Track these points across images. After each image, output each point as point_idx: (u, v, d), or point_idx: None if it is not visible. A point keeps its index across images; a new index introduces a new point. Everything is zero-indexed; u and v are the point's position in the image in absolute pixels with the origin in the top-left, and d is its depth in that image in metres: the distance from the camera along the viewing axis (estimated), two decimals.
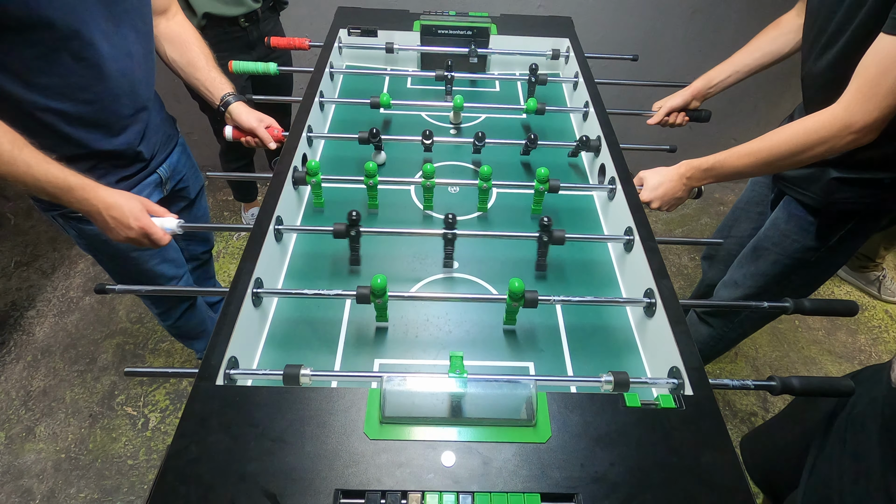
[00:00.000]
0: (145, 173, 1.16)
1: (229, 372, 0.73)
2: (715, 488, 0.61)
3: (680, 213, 2.62)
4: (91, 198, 0.93)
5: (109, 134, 1.04)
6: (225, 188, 2.58)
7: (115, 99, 1.01)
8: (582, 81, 1.36)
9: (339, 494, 0.59)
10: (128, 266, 1.23)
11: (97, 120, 1.01)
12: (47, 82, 0.91)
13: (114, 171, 1.10)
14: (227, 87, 1.21)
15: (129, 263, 1.22)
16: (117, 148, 1.07)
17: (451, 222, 0.93)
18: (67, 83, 0.94)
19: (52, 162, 0.88)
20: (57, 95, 0.93)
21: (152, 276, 1.27)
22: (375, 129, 1.13)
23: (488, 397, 0.69)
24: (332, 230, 0.93)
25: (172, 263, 1.32)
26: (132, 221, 0.93)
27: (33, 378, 1.83)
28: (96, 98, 0.98)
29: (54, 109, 0.95)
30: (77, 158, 1.02)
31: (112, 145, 1.05)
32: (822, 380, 0.77)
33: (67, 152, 1.00)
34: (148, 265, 1.25)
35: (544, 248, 0.96)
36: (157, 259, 1.26)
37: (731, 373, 1.97)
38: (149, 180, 1.18)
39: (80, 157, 1.03)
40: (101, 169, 1.07)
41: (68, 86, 0.94)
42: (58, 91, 0.93)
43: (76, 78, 0.94)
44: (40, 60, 0.89)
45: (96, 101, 0.99)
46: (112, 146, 1.06)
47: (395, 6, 1.64)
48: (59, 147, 0.99)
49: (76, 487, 1.57)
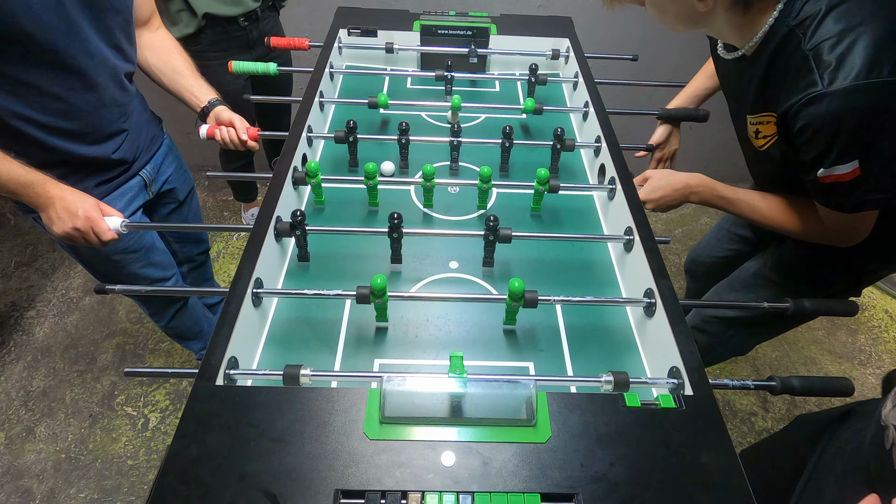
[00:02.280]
0: (127, 176, 1.16)
1: (229, 372, 0.73)
2: (715, 488, 0.61)
3: (680, 213, 2.63)
4: (46, 192, 0.94)
5: (88, 142, 1.05)
6: (225, 188, 2.58)
7: (93, 110, 1.02)
8: (582, 81, 1.36)
9: (339, 494, 0.59)
10: (110, 268, 1.23)
11: (76, 129, 1.02)
12: (24, 91, 0.92)
13: (92, 176, 1.10)
14: (212, 93, 1.22)
15: (111, 266, 1.22)
16: (96, 155, 1.07)
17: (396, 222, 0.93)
18: (46, 93, 0.94)
19: (12, 160, 0.90)
20: (34, 104, 0.94)
21: (134, 280, 1.27)
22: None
23: (488, 397, 0.69)
24: (276, 229, 0.94)
25: (158, 266, 1.31)
26: (80, 212, 0.95)
27: (33, 378, 1.83)
28: (74, 109, 0.99)
29: (30, 118, 0.95)
30: (52, 165, 1.02)
31: (90, 152, 1.06)
32: (822, 380, 0.78)
33: (43, 158, 1.00)
34: (131, 268, 1.24)
35: (491, 247, 0.96)
36: (142, 262, 1.26)
37: (731, 373, 1.97)
38: (131, 183, 1.17)
39: (55, 164, 1.03)
40: (78, 174, 1.07)
41: (46, 95, 0.95)
42: (34, 100, 0.94)
43: (56, 88, 0.95)
44: (18, 69, 0.90)
45: (73, 111, 0.99)
46: (91, 153, 1.06)
47: (395, 6, 1.65)
48: (35, 154, 0.99)
49: (76, 487, 1.57)
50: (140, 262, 1.25)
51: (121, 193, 1.16)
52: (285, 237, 0.96)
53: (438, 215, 1.11)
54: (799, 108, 0.78)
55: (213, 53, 1.63)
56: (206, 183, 2.62)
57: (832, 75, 0.74)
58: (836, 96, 0.74)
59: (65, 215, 0.96)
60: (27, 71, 0.91)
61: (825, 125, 0.76)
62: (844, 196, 0.83)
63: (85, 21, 0.93)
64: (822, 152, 0.79)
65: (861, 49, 0.73)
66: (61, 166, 1.04)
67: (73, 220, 0.96)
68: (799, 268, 1.15)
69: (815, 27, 0.77)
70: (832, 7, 0.77)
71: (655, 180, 1.09)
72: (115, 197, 1.15)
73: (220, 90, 1.25)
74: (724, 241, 1.46)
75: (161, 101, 1.24)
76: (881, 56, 0.72)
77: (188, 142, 2.48)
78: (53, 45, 0.90)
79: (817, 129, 0.77)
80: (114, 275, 1.24)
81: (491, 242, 0.95)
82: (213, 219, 2.47)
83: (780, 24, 0.82)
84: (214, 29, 1.60)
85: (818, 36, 0.77)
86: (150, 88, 1.23)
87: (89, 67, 0.97)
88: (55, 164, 1.03)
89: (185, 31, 1.55)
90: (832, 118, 0.75)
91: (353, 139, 1.16)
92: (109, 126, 1.07)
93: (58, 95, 0.96)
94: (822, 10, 0.77)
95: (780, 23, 0.82)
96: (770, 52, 0.84)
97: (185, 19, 1.55)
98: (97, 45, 0.97)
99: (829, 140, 0.77)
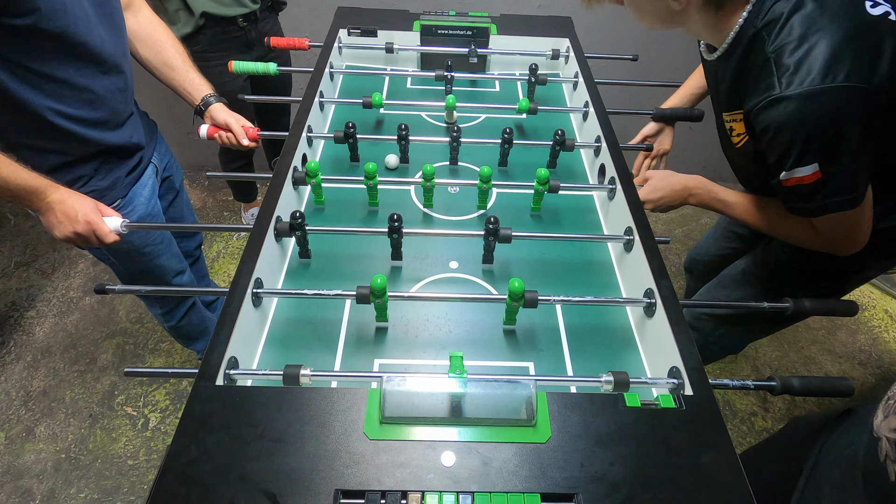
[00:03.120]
0: (144, 164, 1.18)
1: (229, 372, 0.73)
2: (715, 488, 0.61)
3: (680, 213, 2.63)
4: (46, 196, 0.95)
5: (111, 128, 1.06)
6: (225, 188, 2.58)
7: (112, 95, 1.03)
8: (582, 81, 1.36)
9: (339, 494, 0.59)
10: (137, 263, 1.24)
11: (102, 118, 1.03)
12: (54, 87, 0.93)
13: (121, 165, 1.11)
14: (206, 88, 1.21)
15: (141, 258, 1.23)
16: (120, 141, 1.08)
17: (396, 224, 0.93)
18: (74, 86, 0.95)
19: (16, 165, 0.91)
20: (66, 98, 0.95)
21: (161, 272, 1.28)
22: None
23: (488, 397, 0.69)
24: (276, 229, 0.94)
25: (177, 257, 1.33)
26: (80, 216, 0.96)
27: (33, 378, 1.83)
28: (98, 97, 1.00)
29: (65, 113, 0.96)
30: (90, 157, 1.04)
31: (116, 139, 1.07)
32: (822, 380, 0.77)
33: (82, 152, 1.02)
34: (159, 260, 1.26)
35: (491, 247, 0.97)
36: (167, 253, 1.28)
37: (731, 373, 1.97)
38: (149, 171, 1.20)
39: (93, 155, 1.05)
40: (111, 163, 1.09)
41: (75, 88, 0.96)
42: (66, 94, 0.95)
43: (82, 80, 0.96)
44: (51, 66, 0.91)
45: (97, 99, 1.00)
46: (116, 140, 1.07)
47: (395, 6, 1.64)
48: (74, 148, 1.01)
49: (76, 487, 1.57)
50: (166, 253, 1.27)
51: (144, 182, 1.18)
52: (285, 237, 0.96)
53: (438, 215, 1.11)
54: (759, 111, 0.80)
55: (213, 54, 1.63)
56: (206, 183, 2.62)
57: (790, 79, 0.75)
58: (792, 100, 0.75)
59: (64, 220, 0.96)
60: (59, 66, 0.92)
61: (783, 128, 0.77)
62: (807, 199, 0.83)
63: (92, 8, 0.94)
64: (782, 155, 0.80)
65: (819, 54, 0.74)
66: (97, 157, 1.06)
67: (72, 224, 0.96)
68: (785, 266, 1.16)
69: (778, 30, 0.79)
70: (795, 10, 0.78)
71: (655, 181, 1.10)
72: (140, 186, 1.17)
73: (219, 90, 1.25)
74: (721, 240, 1.46)
75: (161, 102, 1.24)
76: (837, 61, 0.73)
77: (188, 142, 2.48)
78: (81, 37, 0.91)
79: (776, 131, 0.79)
80: (142, 269, 1.25)
81: (491, 243, 0.96)
82: (213, 219, 2.46)
83: (749, 25, 0.83)
84: (213, 29, 1.60)
85: (780, 39, 0.78)
86: (145, 88, 1.23)
87: (105, 54, 0.98)
88: (92, 155, 1.05)
89: (183, 30, 1.55)
90: (789, 121, 0.76)
91: (353, 140, 1.16)
92: (124, 110, 1.09)
93: (84, 87, 0.97)
94: (785, 14, 0.78)
95: (749, 24, 0.83)
96: (739, 53, 0.86)
97: (183, 18, 1.54)
98: (105, 31, 0.98)
99: (788, 143, 0.78)
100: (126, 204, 1.14)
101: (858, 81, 0.73)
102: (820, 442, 0.80)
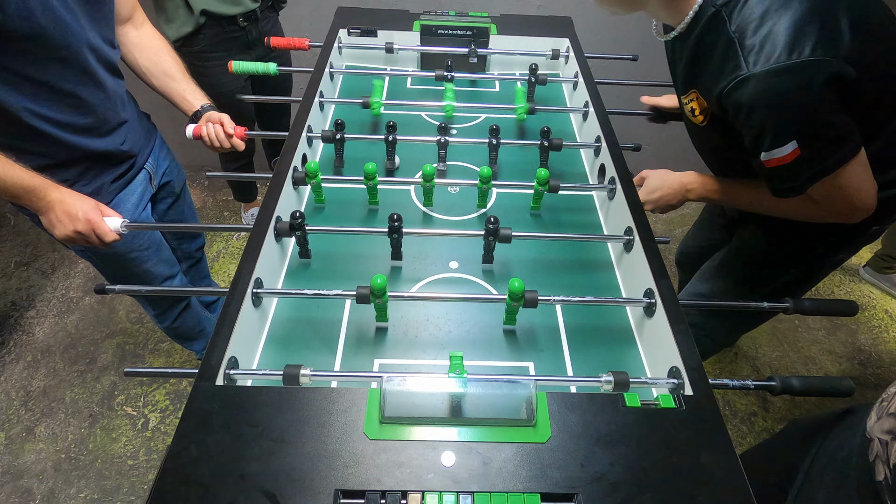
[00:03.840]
0: (135, 170, 1.17)
1: (229, 372, 0.73)
2: (715, 488, 0.61)
3: (680, 213, 2.62)
4: (46, 195, 0.95)
5: (99, 135, 1.06)
6: (225, 188, 2.58)
7: (101, 102, 1.03)
8: (582, 81, 1.36)
9: (339, 494, 0.59)
10: (124, 267, 1.23)
11: (89, 124, 1.02)
12: (32, 88, 0.93)
13: (107, 172, 1.11)
14: (204, 98, 1.23)
15: (126, 264, 1.22)
16: (108, 148, 1.08)
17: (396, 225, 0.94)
18: (58, 90, 0.95)
19: (15, 164, 0.90)
20: (49, 103, 0.95)
21: (148, 277, 1.27)
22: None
23: (488, 397, 0.69)
24: (276, 229, 0.94)
25: (167, 263, 1.32)
26: (81, 215, 0.96)
27: (33, 378, 1.83)
28: (84, 103, 1.00)
29: (47, 116, 0.96)
30: (73, 162, 1.04)
31: (103, 146, 1.07)
32: (822, 380, 0.77)
33: (64, 156, 1.02)
34: (146, 266, 1.25)
35: (491, 247, 0.97)
36: (154, 259, 1.27)
37: (731, 373, 1.97)
38: (139, 178, 1.19)
39: (75, 161, 1.04)
40: (96, 169, 1.08)
41: (59, 92, 0.95)
42: (49, 98, 0.95)
43: (67, 84, 0.96)
44: (32, 68, 0.91)
45: (83, 105, 1.00)
46: (104, 146, 1.07)
47: (395, 6, 1.64)
48: (56, 152, 1.00)
49: (76, 487, 1.57)
50: (153, 259, 1.26)
51: (132, 189, 1.17)
52: (285, 237, 0.96)
53: (438, 215, 1.11)
54: (729, 92, 0.80)
55: (213, 53, 1.63)
56: (206, 183, 2.62)
57: (756, 57, 0.75)
58: (760, 78, 0.75)
59: (65, 219, 0.96)
60: (40, 69, 0.92)
61: (755, 107, 0.77)
62: (791, 178, 0.83)
63: (82, 13, 0.94)
64: (758, 135, 0.80)
65: (782, 30, 0.74)
66: (81, 163, 1.05)
67: (73, 223, 0.96)
68: (757, 255, 1.16)
69: (739, 9, 0.79)
70: None
71: (652, 181, 1.10)
72: (128, 192, 1.16)
73: (219, 90, 1.25)
74: (706, 230, 1.47)
75: (161, 101, 1.24)
76: (801, 36, 0.73)
77: (188, 142, 2.47)
78: (65, 41, 0.91)
79: (748, 111, 0.79)
80: (127, 274, 1.24)
81: (491, 243, 0.96)
82: (213, 219, 2.46)
83: (708, 5, 0.83)
84: (213, 29, 1.59)
85: (742, 18, 0.78)
86: (142, 89, 1.23)
87: (93, 61, 0.98)
88: (75, 161, 1.04)
89: (183, 29, 1.55)
90: (760, 100, 0.76)
91: (340, 137, 1.16)
92: (115, 117, 1.08)
93: (69, 92, 0.97)
94: None
95: (708, 3, 0.83)
96: (697, 32, 0.86)
97: (182, 16, 1.54)
98: (95, 38, 0.98)
99: (761, 122, 0.78)
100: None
101: (825, 55, 0.73)
102: (817, 443, 0.80)
